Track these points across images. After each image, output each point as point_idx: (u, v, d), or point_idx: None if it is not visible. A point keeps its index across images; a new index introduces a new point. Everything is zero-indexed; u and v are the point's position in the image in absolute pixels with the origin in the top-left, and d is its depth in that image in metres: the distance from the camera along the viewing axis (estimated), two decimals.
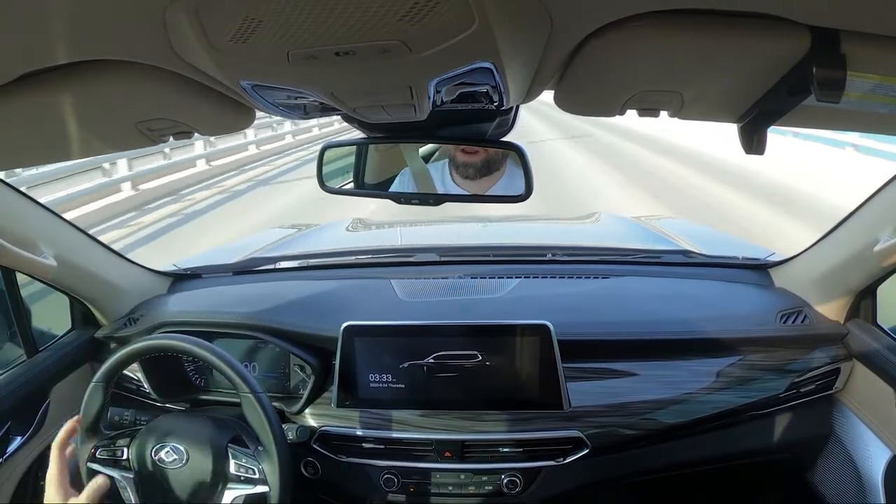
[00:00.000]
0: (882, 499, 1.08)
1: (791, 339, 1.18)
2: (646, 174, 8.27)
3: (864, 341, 1.13)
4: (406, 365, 1.16)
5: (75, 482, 0.93)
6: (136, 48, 0.47)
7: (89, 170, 7.08)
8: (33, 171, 5.68)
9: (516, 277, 1.37)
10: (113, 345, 1.34)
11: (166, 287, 1.47)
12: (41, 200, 1.17)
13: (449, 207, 1.02)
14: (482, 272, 1.41)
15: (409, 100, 0.58)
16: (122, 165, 7.32)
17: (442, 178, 1.00)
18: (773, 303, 1.24)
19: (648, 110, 0.60)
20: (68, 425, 0.97)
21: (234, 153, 10.62)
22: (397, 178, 1.01)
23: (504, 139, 0.89)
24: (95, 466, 0.99)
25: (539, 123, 15.47)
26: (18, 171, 5.22)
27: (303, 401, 1.21)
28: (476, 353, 1.14)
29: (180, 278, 1.50)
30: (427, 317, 1.22)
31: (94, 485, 0.92)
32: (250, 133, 11.16)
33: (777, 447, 1.24)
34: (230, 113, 0.64)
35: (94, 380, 1.01)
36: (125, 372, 1.21)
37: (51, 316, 1.37)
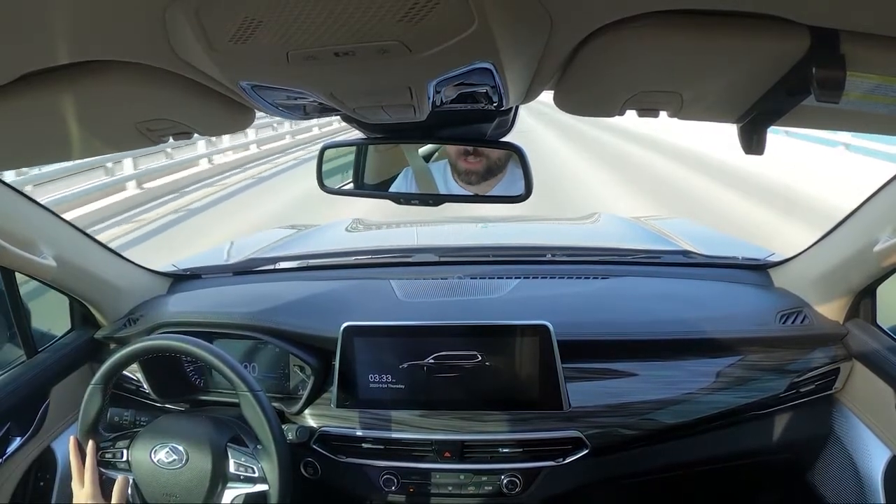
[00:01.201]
0: (882, 499, 1.08)
1: (791, 339, 1.18)
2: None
3: (863, 341, 1.13)
4: (406, 365, 1.16)
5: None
6: (136, 49, 0.47)
7: None
8: None
9: (516, 278, 1.37)
10: (112, 345, 1.34)
11: (166, 287, 1.47)
12: None
13: (448, 207, 1.02)
14: (482, 272, 1.41)
15: (409, 100, 0.58)
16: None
17: (444, 177, 1.00)
18: (772, 303, 1.24)
19: (648, 110, 0.60)
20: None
21: (174, 172, 8.74)
22: (399, 177, 1.01)
23: (503, 139, 0.89)
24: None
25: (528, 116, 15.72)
26: None
27: (302, 401, 1.21)
28: (476, 353, 1.14)
29: (180, 279, 1.50)
30: (427, 317, 1.22)
31: (121, 484, 0.96)
32: (201, 146, 9.51)
33: (777, 447, 1.24)
34: (230, 113, 0.64)
35: (93, 381, 1.01)
36: (125, 372, 1.21)
37: (50, 316, 1.37)
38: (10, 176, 5.65)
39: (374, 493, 1.20)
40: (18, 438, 1.15)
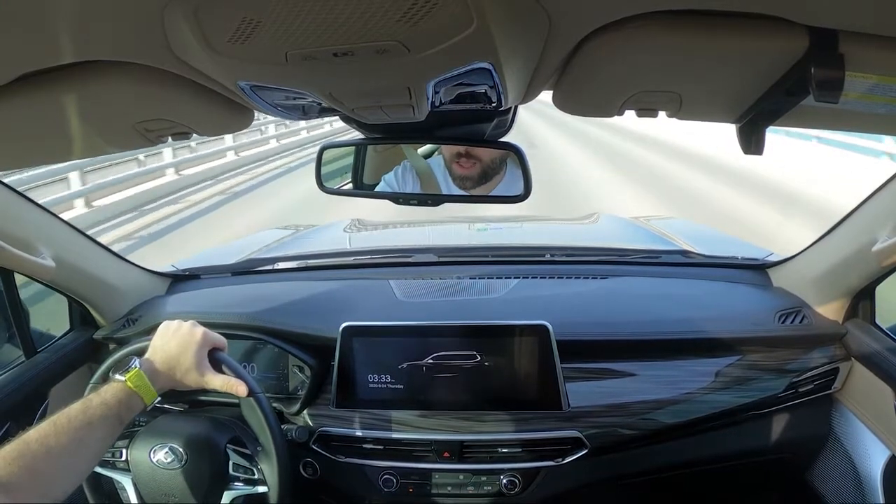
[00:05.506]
0: (881, 498, 1.08)
1: (790, 338, 1.18)
2: None
3: (862, 341, 1.13)
4: (405, 365, 1.16)
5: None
6: (135, 49, 0.47)
7: None
8: None
9: (515, 278, 1.37)
10: (111, 346, 1.34)
11: (165, 288, 1.47)
12: None
13: (447, 207, 1.01)
14: (481, 272, 1.41)
15: (408, 100, 0.58)
16: None
17: (444, 173, 1.00)
18: (771, 303, 1.24)
19: (647, 111, 0.60)
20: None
21: (206, 161, 8.88)
22: (397, 177, 1.00)
23: (502, 139, 0.89)
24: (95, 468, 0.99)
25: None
26: None
27: (301, 401, 1.21)
28: (475, 353, 1.14)
29: (179, 279, 1.50)
30: (426, 317, 1.22)
31: (231, 381, 0.94)
32: (228, 139, 9.59)
33: (776, 447, 1.24)
34: (229, 114, 0.64)
35: (93, 381, 1.01)
36: None
37: (49, 317, 1.37)
38: (61, 165, 5.82)
39: (373, 493, 1.20)
40: None
